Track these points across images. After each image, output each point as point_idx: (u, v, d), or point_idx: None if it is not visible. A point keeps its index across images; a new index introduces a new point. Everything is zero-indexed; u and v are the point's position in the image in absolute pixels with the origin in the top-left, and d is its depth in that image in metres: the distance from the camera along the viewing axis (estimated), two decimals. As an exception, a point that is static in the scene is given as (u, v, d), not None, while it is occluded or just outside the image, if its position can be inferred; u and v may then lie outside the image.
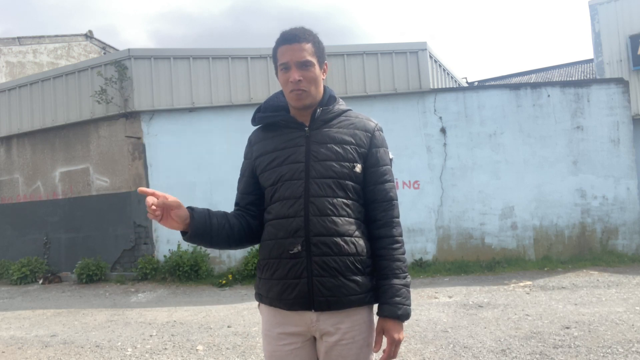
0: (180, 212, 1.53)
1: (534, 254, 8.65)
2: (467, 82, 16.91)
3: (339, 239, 1.58)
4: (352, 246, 1.60)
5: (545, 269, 8.01)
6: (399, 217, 1.71)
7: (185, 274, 8.49)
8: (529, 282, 7.08)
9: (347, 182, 1.63)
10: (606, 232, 8.63)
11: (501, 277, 7.64)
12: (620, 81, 8.91)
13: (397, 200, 1.71)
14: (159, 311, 6.61)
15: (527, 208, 8.73)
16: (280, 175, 1.65)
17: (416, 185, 8.93)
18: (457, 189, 8.86)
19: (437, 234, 8.86)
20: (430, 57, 9.40)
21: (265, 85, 9.16)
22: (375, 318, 1.66)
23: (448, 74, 11.20)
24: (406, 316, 1.61)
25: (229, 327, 5.48)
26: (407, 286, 1.64)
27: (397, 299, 1.60)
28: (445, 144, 8.96)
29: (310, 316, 1.61)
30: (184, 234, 1.60)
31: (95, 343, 5.09)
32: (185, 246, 8.69)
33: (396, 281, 1.62)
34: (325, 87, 1.74)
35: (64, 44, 16.97)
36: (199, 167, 9.14)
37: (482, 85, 14.14)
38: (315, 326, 1.62)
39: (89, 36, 17.87)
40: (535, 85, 9.11)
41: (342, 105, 1.77)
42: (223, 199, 8.29)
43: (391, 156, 1.76)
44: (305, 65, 1.63)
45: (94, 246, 9.63)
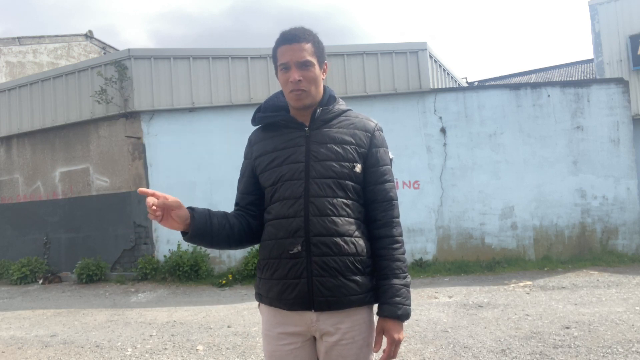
0: (181, 212, 1.53)
1: (534, 254, 8.65)
2: (467, 82, 16.90)
3: (339, 239, 1.58)
4: (352, 246, 1.60)
5: (545, 269, 8.01)
6: (399, 217, 1.71)
7: (185, 274, 8.49)
8: (529, 282, 7.08)
9: (347, 182, 1.63)
10: (606, 232, 8.63)
11: (501, 277, 7.64)
12: (620, 81, 8.91)
13: (397, 200, 1.71)
14: (159, 311, 6.61)
15: (527, 208, 8.73)
16: (280, 175, 1.65)
17: (416, 185, 8.93)
18: (457, 189, 8.87)
19: (437, 234, 8.86)
20: (430, 57, 9.40)
21: (265, 85, 9.17)
22: (375, 318, 1.66)
23: (448, 74, 11.20)
24: (406, 316, 1.61)
25: (229, 327, 5.48)
26: (407, 286, 1.64)
27: (397, 299, 1.60)
28: (445, 144, 8.96)
29: (310, 316, 1.61)
30: (184, 234, 1.60)
31: (95, 343, 5.09)
32: (185, 246, 8.69)
33: (396, 281, 1.62)
34: (325, 87, 1.74)
35: (64, 44, 16.96)
36: (199, 167, 9.14)
37: (482, 85, 14.13)
38: (315, 326, 1.62)
39: (89, 36, 17.87)
40: (535, 85, 9.11)
41: (342, 105, 1.76)
42: (223, 199, 8.29)
43: (391, 156, 1.76)
44: (305, 65, 1.62)
45: (94, 246, 9.63)
